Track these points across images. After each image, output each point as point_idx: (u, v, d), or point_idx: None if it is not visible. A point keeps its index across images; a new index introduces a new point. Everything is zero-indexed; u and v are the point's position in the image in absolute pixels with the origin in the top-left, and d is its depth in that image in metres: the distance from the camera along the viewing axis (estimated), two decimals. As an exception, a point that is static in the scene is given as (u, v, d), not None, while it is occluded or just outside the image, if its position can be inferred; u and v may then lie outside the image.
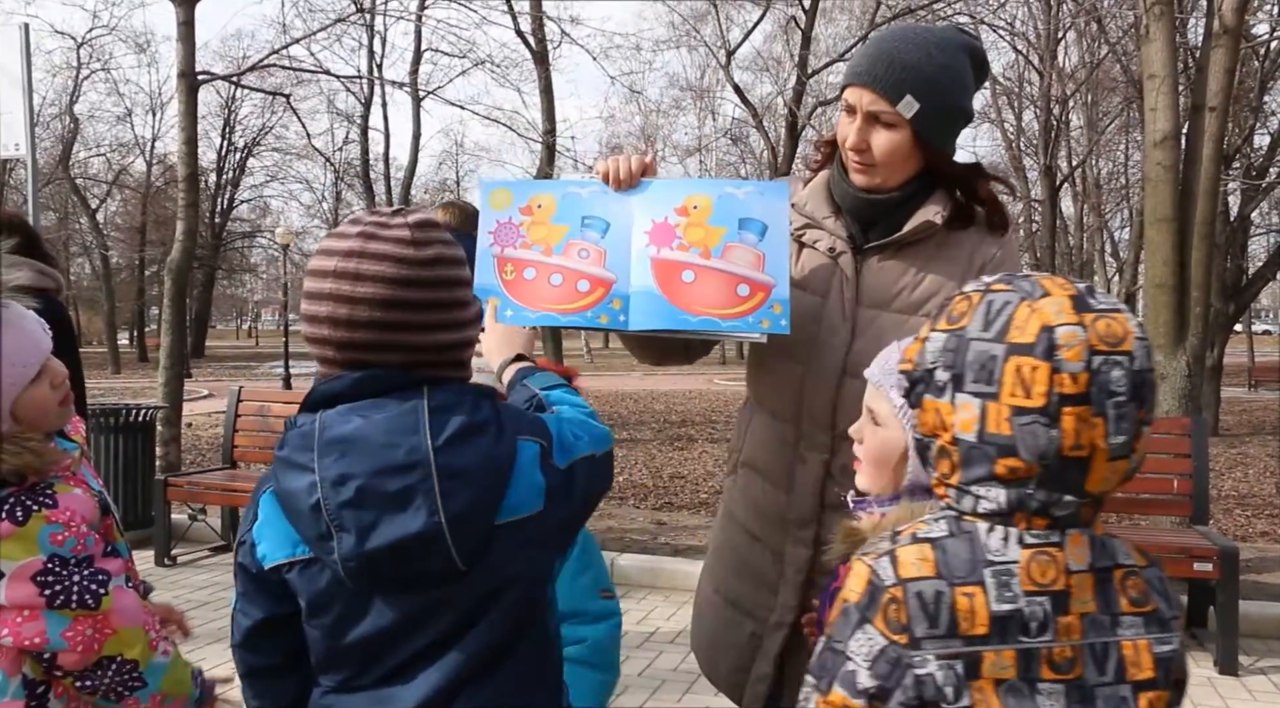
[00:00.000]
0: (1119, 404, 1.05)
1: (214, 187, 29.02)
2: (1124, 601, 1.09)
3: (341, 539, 1.23)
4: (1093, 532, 1.11)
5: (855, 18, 20.78)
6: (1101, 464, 1.07)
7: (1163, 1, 6.74)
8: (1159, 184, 6.73)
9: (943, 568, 1.08)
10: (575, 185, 1.87)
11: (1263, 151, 14.80)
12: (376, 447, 1.24)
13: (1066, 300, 1.08)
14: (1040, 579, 1.07)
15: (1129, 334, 1.07)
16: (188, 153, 9.77)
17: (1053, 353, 1.05)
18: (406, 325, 1.27)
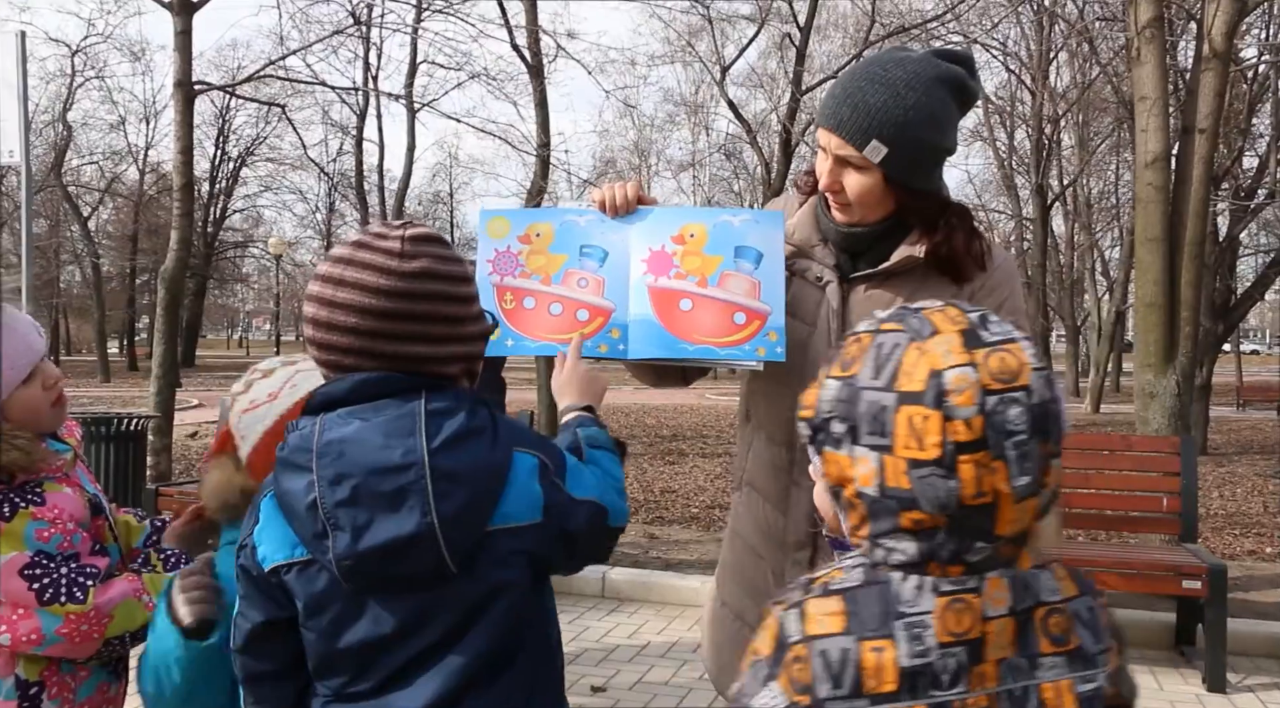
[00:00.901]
0: (1019, 444, 0.99)
1: (207, 196, 29.00)
2: (1044, 641, 1.03)
3: (337, 538, 1.26)
4: (1016, 571, 1.05)
5: (849, 35, 20.93)
6: (1008, 507, 1.01)
7: (1154, 25, 6.82)
8: (1149, 204, 6.78)
9: (852, 622, 1.02)
10: (573, 213, 1.89)
11: (1251, 173, 14.93)
12: (373, 447, 1.27)
13: (956, 338, 1.02)
14: (956, 629, 1.01)
15: (1024, 367, 1.01)
16: (182, 162, 9.77)
17: (943, 400, 0.99)
18: (380, 334, 1.30)
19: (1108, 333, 23.14)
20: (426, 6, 14.77)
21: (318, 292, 1.33)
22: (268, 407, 1.56)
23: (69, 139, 27.69)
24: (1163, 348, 6.68)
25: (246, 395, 1.60)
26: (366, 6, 13.85)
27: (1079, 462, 5.30)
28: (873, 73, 1.74)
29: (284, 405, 1.55)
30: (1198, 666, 4.77)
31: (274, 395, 1.57)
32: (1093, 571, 4.68)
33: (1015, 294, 1.89)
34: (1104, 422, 18.63)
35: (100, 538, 1.85)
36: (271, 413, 1.55)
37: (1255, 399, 24.29)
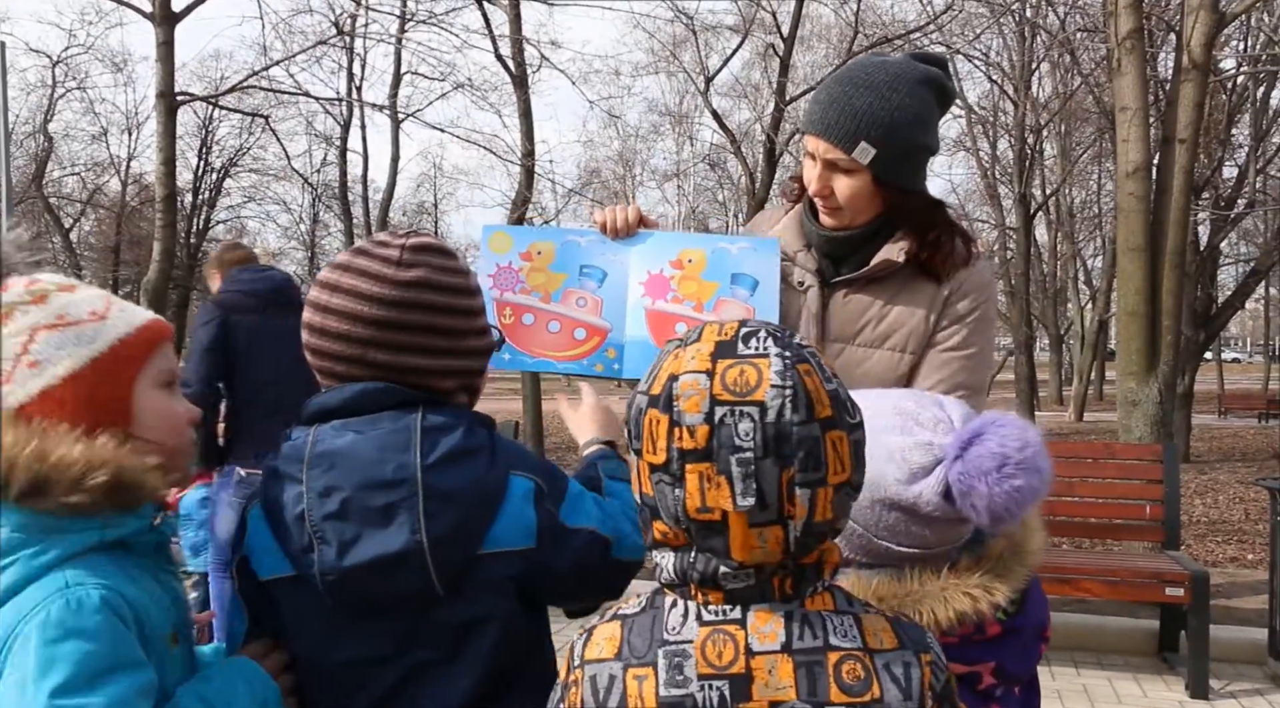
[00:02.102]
0: (745, 462, 0.93)
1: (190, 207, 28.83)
2: (834, 688, 0.96)
3: (323, 552, 1.23)
4: (795, 608, 1.00)
5: (833, 46, 21.02)
6: (741, 530, 0.95)
7: (1134, 36, 6.88)
8: (1131, 214, 6.83)
9: (624, 648, 1.01)
10: (574, 234, 1.93)
11: (1231, 183, 15.06)
12: (365, 462, 1.24)
13: (709, 346, 0.99)
14: (716, 661, 0.97)
15: (763, 382, 0.95)
16: (165, 173, 9.74)
17: (672, 404, 0.96)
18: (373, 343, 1.28)
19: (1090, 341, 23.27)
20: (410, 17, 14.79)
21: (314, 297, 1.32)
22: (95, 326, 1.23)
23: (50, 150, 27.51)
24: (1145, 356, 6.72)
25: (42, 309, 1.22)
26: (350, 17, 13.86)
27: (1062, 470, 5.31)
28: (856, 77, 1.77)
29: (119, 331, 1.25)
30: (1181, 672, 4.79)
31: (99, 315, 1.25)
32: (1076, 578, 4.70)
33: (989, 302, 1.90)
34: (1087, 430, 18.74)
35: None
36: (102, 336, 1.23)
37: (1237, 407, 24.46)
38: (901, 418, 1.29)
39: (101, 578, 1.13)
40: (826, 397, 0.98)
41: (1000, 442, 1.23)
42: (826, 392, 0.98)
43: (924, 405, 1.31)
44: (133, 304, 1.32)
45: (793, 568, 0.99)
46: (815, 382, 0.97)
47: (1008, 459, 1.22)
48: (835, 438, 0.97)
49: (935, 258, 1.85)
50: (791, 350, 0.98)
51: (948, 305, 1.85)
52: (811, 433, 0.95)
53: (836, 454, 0.97)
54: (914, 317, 1.85)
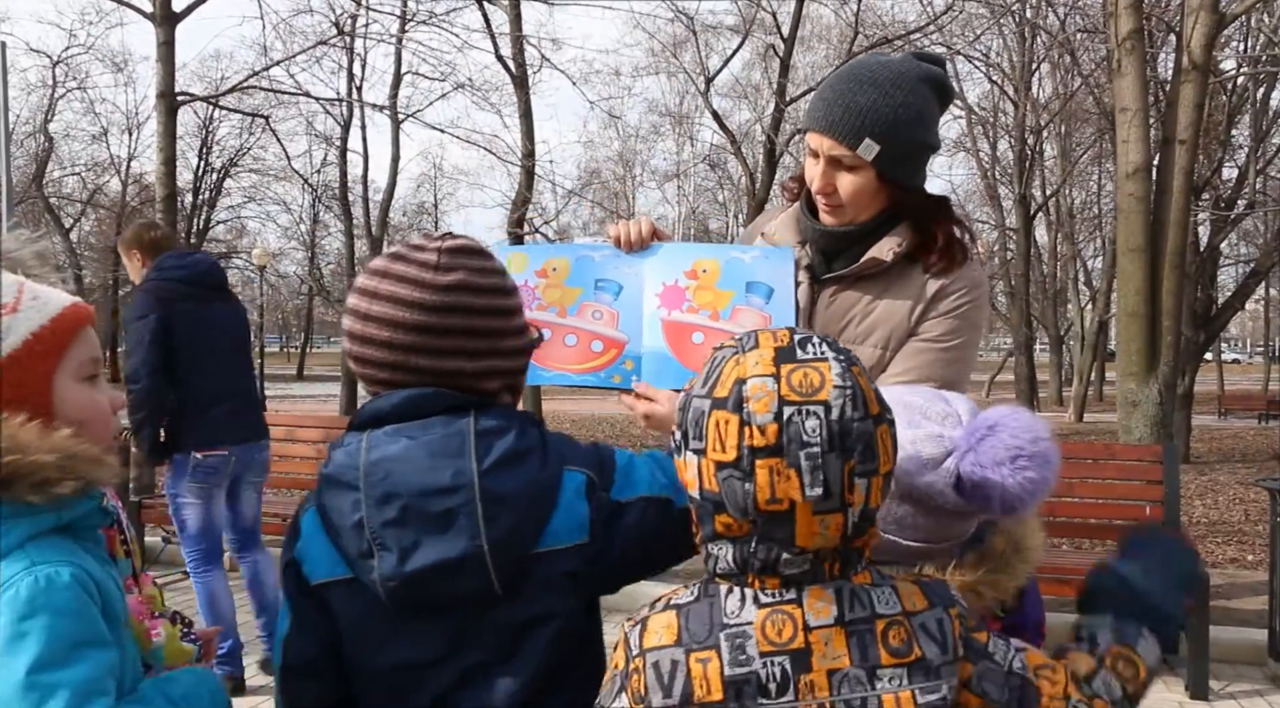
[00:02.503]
0: (813, 456, 1.03)
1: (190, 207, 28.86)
2: (883, 653, 1.06)
3: (383, 558, 1.23)
4: (844, 583, 1.09)
5: (833, 46, 21.05)
6: (806, 518, 1.04)
7: (1134, 37, 6.89)
8: (1131, 215, 6.84)
9: (684, 635, 1.08)
10: (588, 249, 1.93)
11: (1231, 184, 15.07)
12: (422, 468, 1.24)
13: (769, 353, 1.07)
14: (777, 639, 1.05)
15: (826, 384, 1.05)
16: (165, 173, 9.74)
17: (742, 405, 1.05)
18: (416, 348, 1.27)
19: (1090, 342, 23.29)
20: (410, 17, 14.79)
21: (353, 304, 1.31)
22: (6, 321, 1.23)
23: (50, 150, 27.56)
24: (1145, 357, 6.72)
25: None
26: (350, 17, 13.86)
27: (1062, 471, 5.22)
28: (859, 74, 1.79)
29: (31, 324, 1.23)
30: (1180, 673, 4.79)
31: (10, 308, 1.24)
32: (1077, 579, 4.69)
33: (976, 302, 1.90)
34: (1087, 430, 18.74)
35: (110, 549, 1.83)
36: (14, 331, 1.22)
37: (1236, 408, 24.48)
38: (909, 412, 1.31)
39: (66, 555, 1.15)
40: (874, 395, 1.08)
41: (1013, 434, 1.28)
42: (874, 390, 1.09)
43: (930, 400, 1.34)
44: (50, 289, 1.30)
45: (842, 551, 1.08)
46: (866, 382, 1.08)
47: (1021, 451, 1.27)
48: (883, 432, 1.07)
49: (934, 255, 1.86)
50: (844, 354, 1.09)
51: (934, 301, 1.86)
52: (868, 428, 1.05)
53: (884, 446, 1.07)
54: (897, 315, 1.86)
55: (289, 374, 43.25)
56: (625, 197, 33.18)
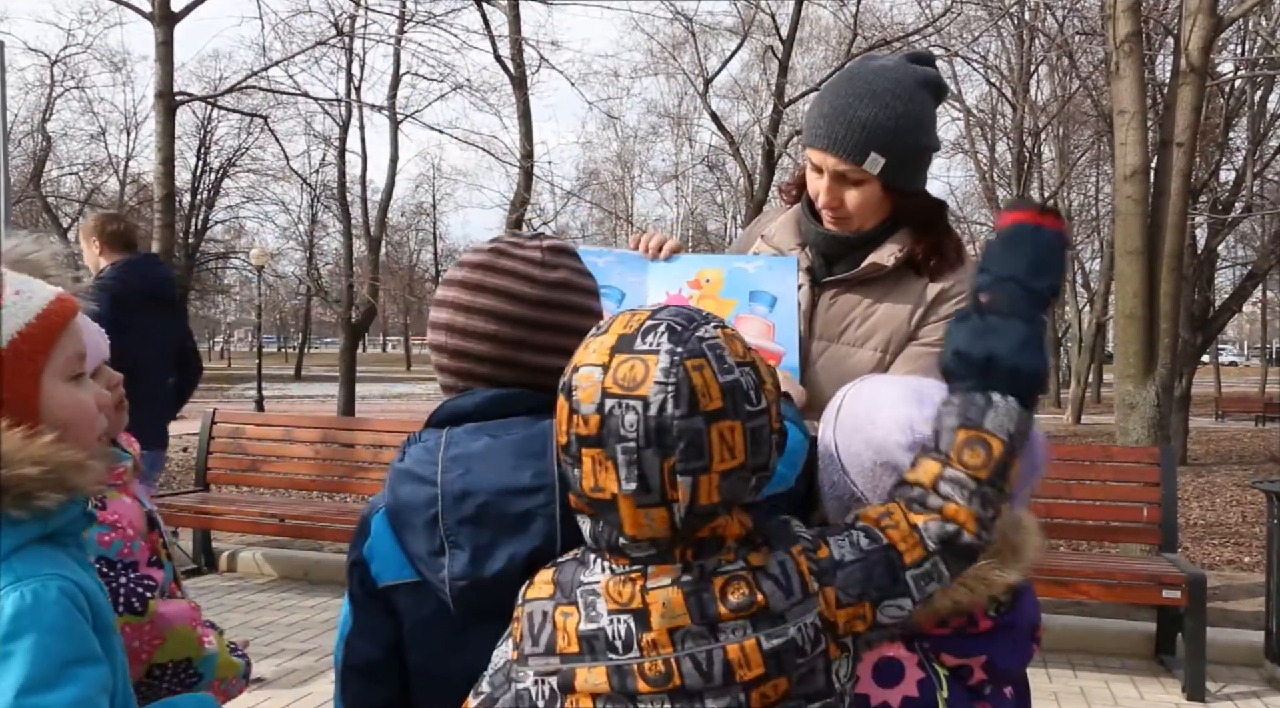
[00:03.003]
0: (629, 450, 1.02)
1: (188, 207, 28.84)
2: (722, 609, 1.06)
3: (455, 557, 1.20)
4: (698, 564, 1.08)
5: (831, 48, 21.07)
6: (630, 510, 1.04)
7: (1132, 40, 6.91)
8: (1129, 217, 6.86)
9: (557, 590, 1.12)
10: (592, 255, 1.86)
11: (1228, 186, 15.10)
12: (503, 467, 1.21)
13: (611, 339, 1.07)
14: (619, 599, 1.07)
15: (648, 378, 1.02)
16: (164, 173, 9.75)
17: (571, 393, 1.06)
18: (523, 344, 1.27)
19: (1088, 344, 23.32)
20: (409, 17, 14.80)
21: (454, 297, 1.29)
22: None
23: (48, 149, 27.51)
24: (1142, 359, 6.74)
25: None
26: (349, 17, 13.87)
27: (1060, 472, 5.33)
28: (856, 87, 1.78)
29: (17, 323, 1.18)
30: (1177, 674, 4.80)
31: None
32: (1074, 580, 4.71)
33: None
34: (1084, 432, 18.77)
35: (154, 553, 1.78)
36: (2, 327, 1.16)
37: (1234, 410, 24.53)
38: (918, 396, 1.33)
39: (55, 567, 1.11)
40: (718, 390, 1.04)
41: None
42: (721, 385, 1.04)
43: (942, 391, 1.34)
44: (33, 280, 1.23)
45: (692, 540, 1.07)
46: (706, 376, 1.03)
47: None
48: (725, 428, 1.03)
49: (932, 258, 1.88)
50: (687, 345, 1.04)
51: (934, 306, 1.88)
52: (694, 426, 1.02)
53: (725, 443, 1.03)
54: (896, 319, 1.88)
55: (287, 374, 43.21)
56: (624, 197, 33.20)
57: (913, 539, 1.13)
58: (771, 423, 1.08)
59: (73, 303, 1.24)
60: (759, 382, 1.08)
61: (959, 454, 1.16)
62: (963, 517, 1.14)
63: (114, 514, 1.67)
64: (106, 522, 1.65)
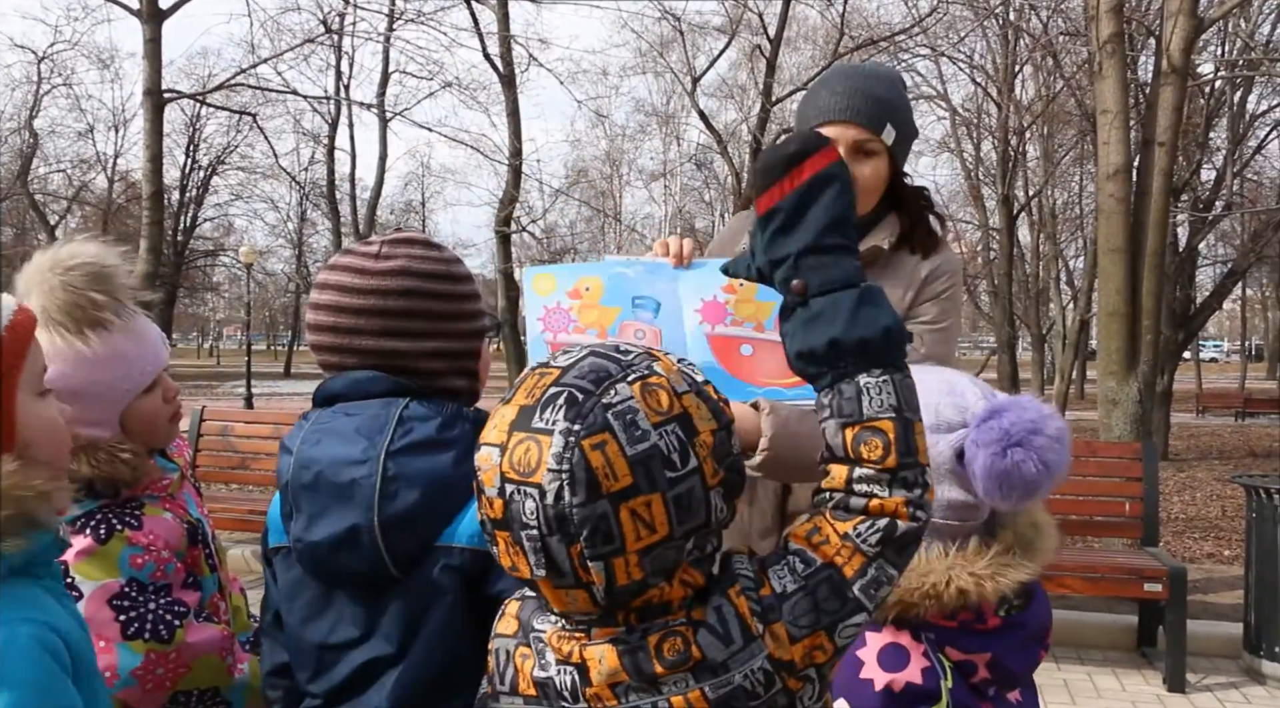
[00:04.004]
0: (533, 538, 0.96)
1: (177, 204, 28.73)
2: (658, 665, 0.99)
3: (296, 520, 1.33)
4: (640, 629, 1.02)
5: (819, 47, 21.14)
6: (550, 590, 1.00)
7: (1115, 40, 6.99)
8: (1111, 215, 6.94)
9: (520, 629, 1.09)
10: (620, 265, 1.88)
11: (1209, 185, 15.24)
12: (343, 440, 1.32)
13: (512, 412, 1.00)
14: (561, 653, 1.03)
15: (541, 465, 0.95)
16: (152, 170, 9.74)
17: (475, 474, 1.01)
18: (357, 331, 1.36)
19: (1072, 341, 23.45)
20: (398, 15, 14.80)
21: (311, 298, 1.43)
22: None
23: (35, 147, 27.36)
24: (1125, 356, 6.83)
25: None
26: (338, 15, 13.86)
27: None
28: (864, 70, 1.97)
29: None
30: (1159, 667, 4.88)
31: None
32: (1057, 574, 4.80)
33: (959, 283, 2.04)
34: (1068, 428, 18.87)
35: (196, 569, 1.73)
36: None
37: (1214, 406, 24.73)
38: (949, 385, 1.37)
39: (24, 610, 0.99)
40: (625, 466, 0.94)
41: (1012, 421, 1.30)
42: (629, 459, 0.95)
43: (972, 383, 1.39)
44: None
45: (628, 609, 1.01)
46: (609, 453, 0.94)
47: (1011, 438, 1.29)
48: (638, 506, 0.95)
49: (926, 236, 2.00)
50: (585, 421, 0.95)
51: (925, 284, 1.97)
52: (596, 511, 0.94)
53: (640, 521, 0.95)
54: (892, 299, 1.91)
55: (276, 372, 43.02)
56: (612, 196, 33.23)
57: (848, 549, 1.04)
58: (707, 480, 0.99)
59: (32, 313, 1.13)
60: (685, 439, 0.98)
61: (857, 453, 1.06)
62: (890, 506, 1.05)
63: (149, 534, 1.63)
64: (139, 544, 1.61)
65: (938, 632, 1.34)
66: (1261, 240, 15.21)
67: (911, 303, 1.97)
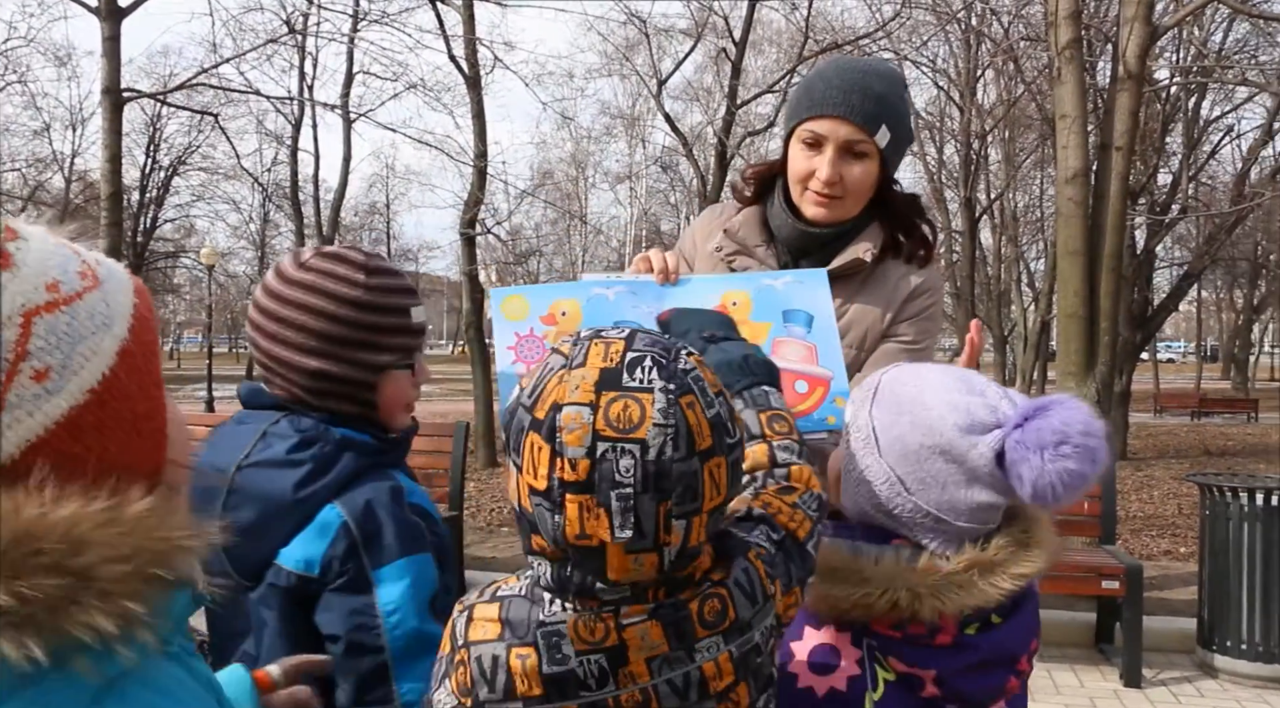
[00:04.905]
0: (625, 496, 0.95)
1: (137, 205, 28.30)
2: (699, 628, 1.03)
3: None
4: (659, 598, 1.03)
5: (783, 50, 21.26)
6: (616, 556, 0.98)
7: (1073, 46, 7.10)
8: (1070, 218, 7.04)
9: (506, 629, 1.04)
10: (598, 285, 1.74)
11: (1165, 189, 15.51)
12: (220, 448, 1.39)
13: (594, 374, 0.98)
14: (590, 638, 1.01)
15: (646, 420, 0.96)
16: (111, 171, 9.62)
17: (554, 435, 0.96)
18: (259, 328, 1.42)
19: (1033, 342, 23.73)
20: (363, 16, 14.71)
21: None
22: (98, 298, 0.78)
23: (-11, 145, 26.87)
24: (1083, 357, 6.93)
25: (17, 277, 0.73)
26: (302, 15, 13.76)
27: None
28: (863, 67, 1.83)
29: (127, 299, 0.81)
30: (1116, 663, 4.97)
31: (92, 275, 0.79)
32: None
33: (939, 302, 1.97)
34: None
35: None
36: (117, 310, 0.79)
37: (1171, 405, 25.19)
38: (968, 384, 1.32)
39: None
40: (708, 427, 0.99)
41: (1064, 420, 1.23)
42: (708, 420, 0.99)
43: (989, 383, 1.34)
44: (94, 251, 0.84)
45: (666, 580, 1.03)
46: (698, 414, 0.99)
47: (1068, 438, 1.22)
48: (714, 466, 1.00)
49: (919, 249, 1.90)
50: (677, 381, 0.99)
51: (907, 302, 1.88)
52: (691, 468, 0.97)
53: (714, 482, 1.00)
54: (870, 315, 1.86)
55: (238, 375, 42.51)
56: (578, 198, 33.18)
57: (799, 515, 1.18)
58: (742, 452, 1.06)
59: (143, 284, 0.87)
60: (731, 410, 1.05)
61: (770, 428, 1.28)
62: (806, 474, 1.24)
63: None
64: None
65: (879, 639, 1.29)
66: (1216, 243, 15.54)
67: (891, 321, 1.87)
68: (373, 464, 1.40)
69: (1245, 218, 17.06)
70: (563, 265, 35.15)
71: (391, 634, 1.33)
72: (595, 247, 35.17)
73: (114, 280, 0.80)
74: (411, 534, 1.37)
